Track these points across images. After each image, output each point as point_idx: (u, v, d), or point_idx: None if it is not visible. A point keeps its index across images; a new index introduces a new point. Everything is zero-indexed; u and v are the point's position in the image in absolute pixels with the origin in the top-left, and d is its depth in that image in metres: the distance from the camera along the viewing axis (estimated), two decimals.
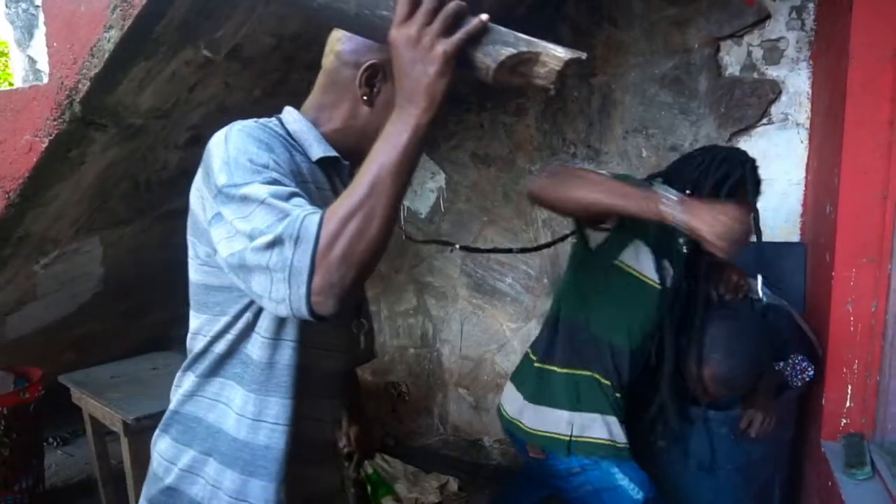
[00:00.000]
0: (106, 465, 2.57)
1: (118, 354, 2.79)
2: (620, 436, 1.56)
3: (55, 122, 1.63)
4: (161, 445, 1.04)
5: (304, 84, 2.10)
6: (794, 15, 2.26)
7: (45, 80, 1.65)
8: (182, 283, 1.05)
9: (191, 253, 1.00)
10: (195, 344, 1.02)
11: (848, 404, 1.76)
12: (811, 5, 2.22)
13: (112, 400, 2.25)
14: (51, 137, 1.66)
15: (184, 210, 0.97)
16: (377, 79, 0.98)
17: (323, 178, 1.00)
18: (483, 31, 0.79)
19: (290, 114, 1.04)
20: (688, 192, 1.48)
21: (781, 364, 1.82)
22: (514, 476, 2.15)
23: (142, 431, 2.16)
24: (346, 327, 1.09)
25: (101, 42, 1.47)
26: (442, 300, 3.09)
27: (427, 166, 3.05)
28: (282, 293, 0.77)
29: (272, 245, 0.77)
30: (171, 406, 1.05)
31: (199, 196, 0.93)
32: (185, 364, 1.04)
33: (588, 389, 1.57)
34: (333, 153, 1.00)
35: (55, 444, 3.30)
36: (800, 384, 1.82)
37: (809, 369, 1.81)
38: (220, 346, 0.98)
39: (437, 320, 3.20)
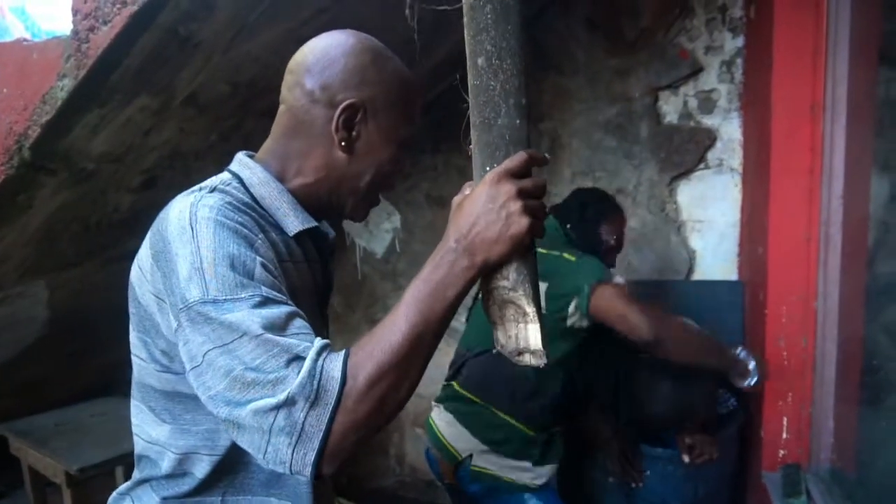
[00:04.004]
0: None
1: (61, 400, 2.69)
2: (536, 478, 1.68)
3: (2, 168, 1.61)
4: None
5: (258, 130, 2.13)
6: (724, 69, 2.42)
7: None
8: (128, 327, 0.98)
9: (141, 353, 0.80)
10: (156, 456, 0.83)
11: (784, 435, 1.84)
12: (739, 60, 2.39)
13: (54, 450, 2.17)
14: None
15: (134, 252, 0.82)
16: (356, 120, 0.82)
17: (299, 251, 0.85)
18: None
19: (250, 170, 0.83)
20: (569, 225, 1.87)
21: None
22: None
23: (85, 482, 2.08)
24: None
25: (53, 90, 1.47)
26: None
27: (383, 206, 3.09)
28: (283, 456, 0.63)
29: (278, 407, 0.63)
30: None
31: (150, 293, 0.75)
32: (138, 478, 0.86)
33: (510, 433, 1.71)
34: (313, 223, 0.85)
35: None
36: (724, 412, 1.94)
37: (731, 399, 1.90)
38: (202, 467, 0.81)
39: None
